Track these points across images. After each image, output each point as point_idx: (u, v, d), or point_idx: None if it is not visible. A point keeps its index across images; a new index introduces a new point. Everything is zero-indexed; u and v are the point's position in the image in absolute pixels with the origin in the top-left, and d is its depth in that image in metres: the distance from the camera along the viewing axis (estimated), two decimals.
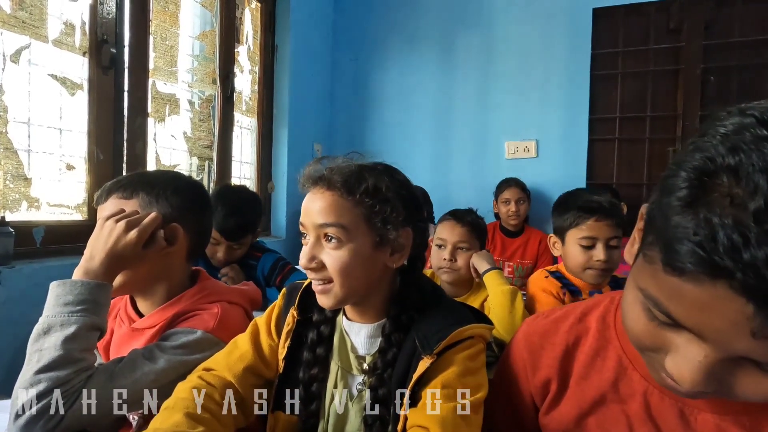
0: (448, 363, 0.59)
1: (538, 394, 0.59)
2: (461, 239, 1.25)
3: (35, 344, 0.66)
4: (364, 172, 0.62)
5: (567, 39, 2.53)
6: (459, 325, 0.61)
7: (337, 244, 0.60)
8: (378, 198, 0.61)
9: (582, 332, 0.57)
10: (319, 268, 0.61)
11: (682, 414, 0.49)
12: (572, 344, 0.57)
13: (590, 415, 0.54)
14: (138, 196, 0.78)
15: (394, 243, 0.63)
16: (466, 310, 0.67)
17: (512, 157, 2.67)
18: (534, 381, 0.59)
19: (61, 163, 1.46)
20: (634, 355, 0.51)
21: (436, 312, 0.64)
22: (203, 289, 0.83)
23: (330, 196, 0.61)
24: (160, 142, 1.81)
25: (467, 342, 0.61)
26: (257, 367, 0.69)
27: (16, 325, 1.16)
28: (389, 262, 0.64)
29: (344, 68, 2.96)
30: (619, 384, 0.53)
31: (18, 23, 1.31)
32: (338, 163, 0.64)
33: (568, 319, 0.60)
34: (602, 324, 0.56)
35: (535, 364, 0.59)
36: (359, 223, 0.61)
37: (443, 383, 0.57)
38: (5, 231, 1.22)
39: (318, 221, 0.61)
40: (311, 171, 0.64)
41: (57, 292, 0.69)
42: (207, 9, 2.04)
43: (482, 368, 0.62)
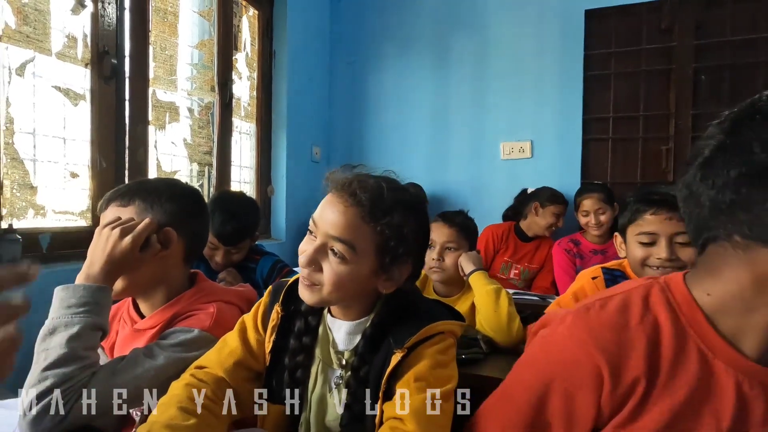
0: (419, 357, 0.63)
1: (617, 401, 0.50)
2: (449, 240, 1.30)
3: (42, 344, 0.71)
4: (394, 204, 0.61)
5: (560, 40, 2.57)
6: (429, 321, 0.65)
7: (341, 260, 0.62)
8: (397, 234, 0.62)
9: (656, 323, 0.51)
10: (315, 272, 0.64)
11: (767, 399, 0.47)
12: (654, 338, 0.51)
13: (681, 419, 0.49)
14: (134, 204, 0.82)
15: (392, 275, 0.66)
16: (440, 308, 0.72)
17: (508, 157, 2.71)
18: (617, 388, 0.50)
19: (65, 171, 1.52)
20: (715, 345, 0.49)
21: (410, 310, 0.68)
22: (200, 290, 0.88)
23: (352, 214, 0.61)
24: (161, 149, 1.87)
25: (437, 337, 0.65)
26: (246, 361, 0.73)
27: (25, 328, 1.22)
28: (381, 287, 0.67)
29: (341, 72, 3.01)
30: (705, 379, 0.49)
31: (22, 38, 1.37)
32: (372, 181, 0.63)
33: (631, 310, 0.53)
34: (672, 314, 0.51)
35: (618, 370, 0.50)
36: (369, 249, 0.62)
37: (416, 376, 0.61)
38: (13, 238, 1.27)
39: (331, 231, 0.62)
40: (340, 176, 0.65)
41: (61, 296, 0.74)
42: (205, 18, 2.09)
43: (452, 361, 0.67)
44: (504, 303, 1.17)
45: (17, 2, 1.35)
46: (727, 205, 0.46)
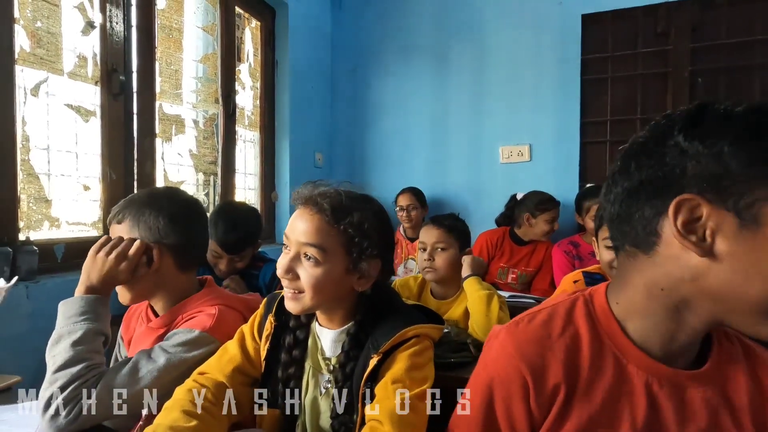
0: (395, 360, 0.68)
1: (543, 407, 0.54)
2: (437, 240, 1.36)
3: (50, 352, 0.78)
4: (353, 206, 0.70)
5: (557, 45, 2.60)
6: (404, 326, 0.70)
7: (314, 263, 0.69)
8: (359, 232, 0.69)
9: (575, 334, 0.56)
10: (294, 279, 0.70)
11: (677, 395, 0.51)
12: (572, 347, 0.55)
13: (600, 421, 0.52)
14: (126, 221, 0.89)
15: (364, 271, 0.72)
16: (417, 313, 0.77)
17: (507, 161, 2.74)
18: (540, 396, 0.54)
19: (78, 184, 1.60)
20: (626, 349, 0.53)
21: (389, 316, 0.74)
22: (206, 294, 0.94)
23: (318, 220, 0.69)
24: (168, 160, 1.94)
25: (413, 340, 0.71)
26: (245, 367, 0.79)
27: (42, 335, 1.29)
28: (356, 286, 0.73)
29: (343, 80, 3.07)
30: (620, 382, 0.52)
31: (36, 59, 1.45)
32: (331, 190, 0.72)
33: (554, 320, 0.57)
34: (590, 322, 0.56)
35: (540, 379, 0.54)
36: (337, 249, 0.69)
37: (393, 378, 0.67)
38: (30, 249, 1.35)
39: (301, 239, 0.69)
40: (304, 191, 0.72)
41: (63, 310, 0.82)
42: (209, 33, 2.16)
43: (428, 363, 0.72)
44: (495, 308, 1.21)
45: (31, 26, 1.43)
46: (617, 218, 0.53)
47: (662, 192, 0.47)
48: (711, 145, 0.45)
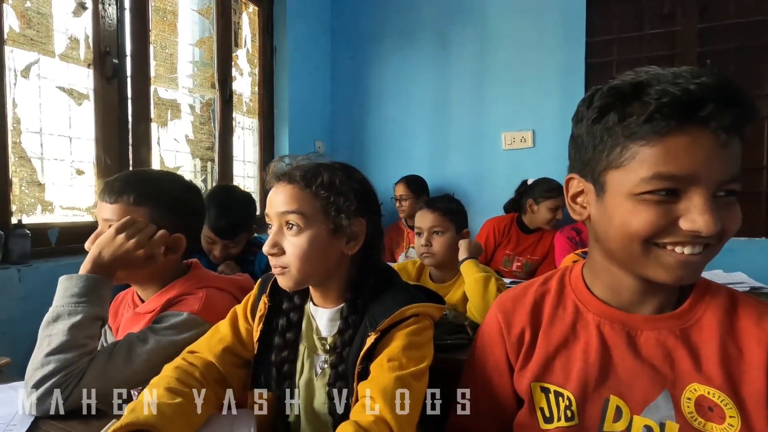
0: (392, 339, 0.66)
1: (513, 350, 0.66)
2: (433, 224, 1.33)
3: (45, 330, 0.76)
4: (320, 168, 0.70)
5: (561, 28, 2.54)
6: (403, 304, 0.68)
7: (297, 230, 0.68)
8: (333, 191, 0.68)
9: (545, 291, 0.67)
10: (280, 254, 0.69)
11: (629, 336, 0.59)
12: (539, 300, 0.67)
13: (556, 358, 0.62)
14: (148, 206, 0.86)
15: (349, 231, 0.70)
16: (416, 292, 0.74)
17: (509, 147, 2.70)
18: (510, 338, 0.66)
19: (71, 168, 1.58)
20: (587, 300, 0.63)
21: (387, 295, 0.71)
22: (193, 277, 0.93)
23: (291, 189, 0.69)
24: (164, 145, 1.92)
25: (411, 319, 0.68)
26: (235, 348, 0.77)
27: (33, 318, 1.27)
28: (345, 249, 0.71)
29: (343, 66, 3.03)
30: (577, 325, 0.62)
31: (27, 41, 1.42)
32: (299, 161, 0.72)
33: (534, 284, 0.69)
34: (560, 283, 0.67)
35: (509, 322, 0.66)
36: (317, 212, 0.68)
37: (388, 357, 0.64)
38: (22, 233, 1.34)
39: (280, 210, 0.68)
40: (275, 168, 0.73)
41: (65, 285, 0.79)
42: (204, 16, 2.13)
43: (428, 343, 0.69)
44: (492, 290, 1.18)
45: (21, 6, 1.40)
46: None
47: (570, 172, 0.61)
48: (578, 130, 0.57)
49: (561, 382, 0.60)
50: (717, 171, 0.48)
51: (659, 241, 0.51)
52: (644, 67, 0.52)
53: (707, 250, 0.52)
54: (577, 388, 0.59)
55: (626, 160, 0.51)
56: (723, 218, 0.49)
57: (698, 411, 0.54)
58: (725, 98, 0.47)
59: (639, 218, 0.51)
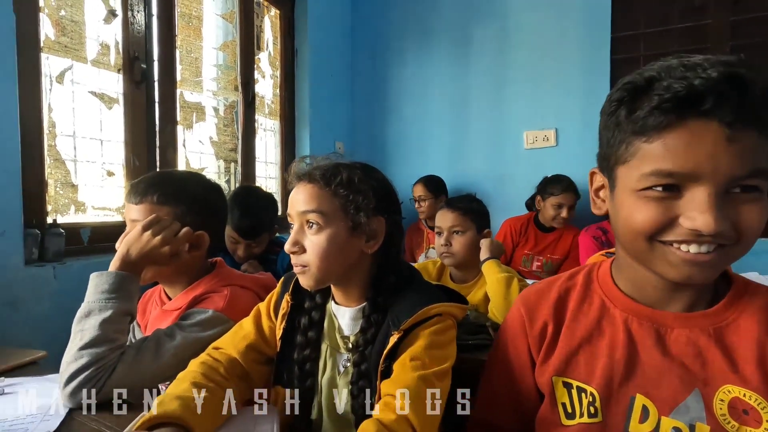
0: (415, 338, 0.66)
1: (535, 344, 0.65)
2: (453, 224, 1.32)
3: (78, 325, 0.79)
4: (339, 167, 0.71)
5: (584, 23, 2.49)
6: (426, 304, 0.68)
7: (317, 229, 0.69)
8: (351, 189, 0.69)
9: (571, 286, 0.67)
10: (300, 253, 0.70)
11: (658, 334, 0.57)
12: (563, 294, 0.66)
13: (579, 353, 0.61)
14: (171, 205, 0.89)
15: (368, 230, 0.71)
16: (438, 291, 0.74)
17: (531, 146, 2.66)
18: (532, 331, 0.65)
19: (102, 170, 1.64)
20: (614, 296, 0.62)
21: (410, 294, 0.72)
22: (218, 276, 0.95)
23: (311, 188, 0.70)
24: (189, 147, 1.97)
25: (435, 319, 0.68)
26: (259, 345, 0.79)
27: (68, 314, 1.33)
28: (365, 248, 0.72)
29: (362, 67, 3.04)
30: (602, 321, 0.61)
31: (61, 48, 1.48)
32: (319, 161, 0.73)
33: (559, 279, 0.69)
34: (587, 278, 0.66)
35: (532, 316, 0.66)
36: (336, 210, 0.69)
37: (411, 356, 0.64)
38: (57, 232, 1.39)
39: (301, 209, 0.70)
40: (296, 169, 0.74)
41: (96, 282, 0.82)
42: (227, 21, 2.17)
43: (450, 342, 0.69)
44: (515, 291, 1.17)
45: (55, 15, 1.46)
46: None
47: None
48: (600, 123, 0.57)
49: (584, 377, 0.59)
50: (724, 166, 0.46)
51: (663, 238, 0.50)
52: (665, 60, 0.50)
53: (722, 250, 0.49)
54: (602, 385, 0.58)
55: (630, 156, 0.51)
56: (738, 216, 0.47)
57: (732, 414, 0.52)
58: (730, 91, 0.45)
59: (640, 214, 0.51)
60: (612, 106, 0.53)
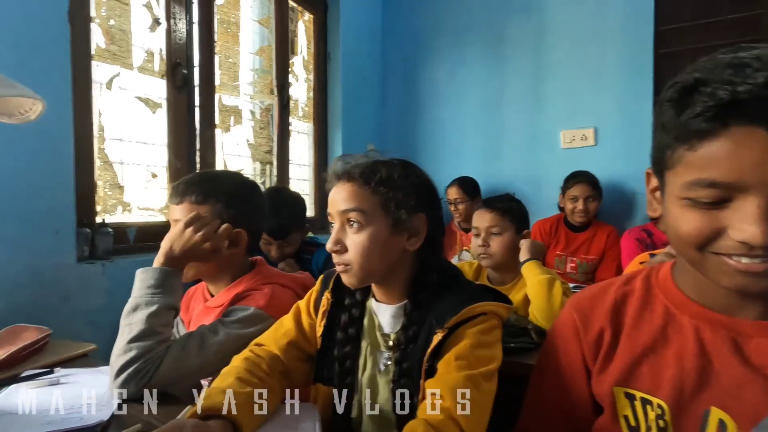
0: (460, 337, 0.65)
1: (591, 351, 0.62)
2: (491, 224, 1.29)
3: (126, 319, 0.82)
4: (378, 164, 0.71)
5: (626, 16, 2.39)
6: (471, 302, 0.66)
7: (358, 227, 0.68)
8: (391, 186, 0.69)
9: (628, 291, 0.63)
10: (342, 252, 0.70)
11: (735, 343, 0.53)
12: (620, 300, 0.62)
13: (643, 362, 0.57)
14: (209, 203, 0.92)
15: (410, 227, 0.70)
16: (481, 290, 0.72)
17: (569, 146, 2.58)
18: (587, 338, 0.62)
19: (146, 172, 1.70)
20: (680, 302, 0.58)
21: (452, 292, 0.70)
22: (258, 274, 0.97)
23: (350, 186, 0.69)
24: (227, 150, 2.02)
25: (480, 318, 0.66)
26: (299, 342, 0.79)
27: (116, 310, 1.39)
28: (407, 246, 0.71)
29: (394, 69, 3.04)
30: (668, 329, 0.57)
31: (110, 55, 1.55)
32: (357, 159, 0.73)
33: (615, 284, 0.65)
34: (646, 283, 0.62)
35: (586, 322, 0.63)
36: (376, 208, 0.69)
37: (456, 355, 0.63)
38: (106, 231, 1.46)
39: (341, 208, 0.69)
40: (334, 168, 0.73)
41: (142, 278, 0.85)
42: (264, 26, 2.23)
43: (496, 343, 0.67)
44: (557, 293, 1.13)
45: (105, 25, 1.54)
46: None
47: None
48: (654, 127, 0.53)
49: (649, 388, 0.56)
50: None
51: (713, 249, 0.48)
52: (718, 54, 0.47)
53: None
54: (671, 397, 0.54)
55: (675, 162, 0.49)
56: None
57: None
58: None
59: (686, 224, 0.48)
60: (661, 106, 0.50)
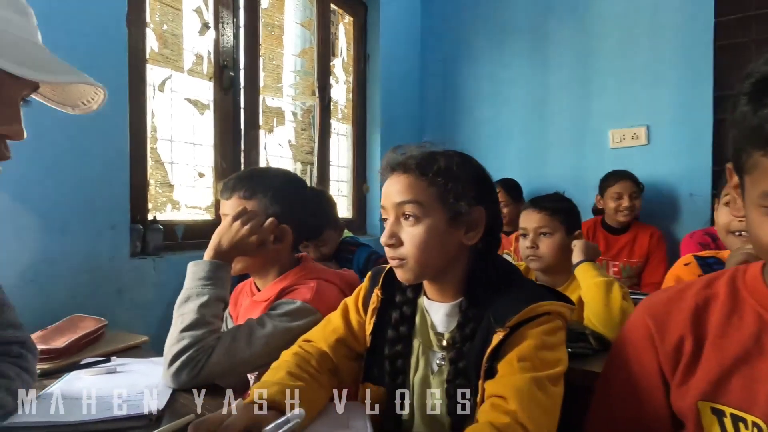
0: (523, 337, 0.61)
1: (669, 361, 0.57)
2: (540, 225, 1.23)
3: (178, 310, 0.84)
4: (435, 155, 0.68)
5: (681, 8, 2.25)
6: (533, 301, 0.62)
7: (414, 220, 0.66)
8: (449, 177, 0.66)
9: (711, 296, 0.57)
10: (397, 245, 0.67)
11: None
12: (702, 305, 0.56)
13: (733, 375, 0.52)
14: (257, 198, 0.93)
15: (468, 220, 0.67)
16: (543, 289, 0.68)
17: (618, 146, 2.45)
18: (664, 347, 0.57)
19: (194, 171, 1.76)
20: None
21: (511, 290, 0.66)
22: (304, 269, 0.97)
23: (406, 178, 0.67)
24: (270, 150, 2.06)
25: (543, 318, 0.62)
26: (348, 339, 0.77)
27: (165, 304, 1.44)
28: (464, 240, 0.67)
29: (433, 69, 3.01)
30: (763, 338, 0.52)
31: (163, 59, 1.61)
32: (412, 150, 0.70)
33: (693, 287, 0.59)
34: (732, 287, 0.56)
35: (662, 329, 0.58)
36: (433, 201, 0.66)
37: (519, 356, 0.59)
38: (157, 228, 1.51)
39: (396, 200, 0.67)
40: (389, 159, 0.71)
41: (193, 270, 0.87)
42: (306, 29, 2.26)
43: (561, 345, 0.62)
44: (616, 296, 1.06)
45: (159, 29, 1.60)
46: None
47: None
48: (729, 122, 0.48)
49: (742, 404, 0.51)
50: None
51: None
52: None
53: None
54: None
55: (751, 168, 0.45)
56: None
57: None
58: None
59: (766, 235, 0.45)
60: (738, 100, 0.45)
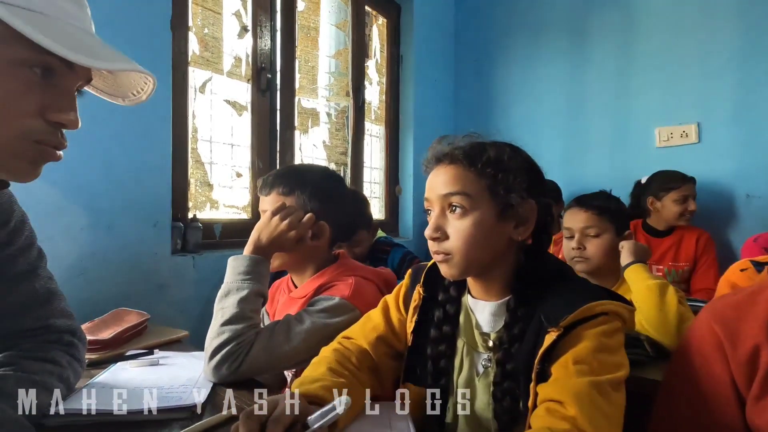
0: (578, 338, 0.56)
1: (743, 373, 0.53)
2: (587, 225, 1.17)
3: (219, 304, 0.84)
4: (484, 145, 0.65)
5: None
6: (590, 300, 0.57)
7: (461, 213, 0.63)
8: (500, 168, 0.62)
9: None
10: (443, 239, 0.64)
11: None
12: None
13: None
14: (295, 194, 0.93)
15: (518, 214, 0.63)
16: (598, 289, 0.63)
17: (665, 144, 2.32)
18: (737, 357, 0.53)
19: (232, 171, 1.79)
20: None
21: (564, 288, 0.62)
22: (342, 266, 0.97)
23: (453, 169, 0.64)
24: (305, 151, 2.08)
25: (600, 318, 0.58)
26: (388, 338, 0.75)
27: (204, 300, 1.47)
28: (514, 235, 0.64)
29: (467, 69, 2.97)
30: None
31: (204, 62, 1.66)
32: (459, 140, 0.68)
33: (763, 291, 0.55)
34: None
35: (734, 337, 0.54)
36: (482, 192, 0.62)
37: (575, 359, 0.55)
38: (197, 226, 1.54)
39: (442, 192, 0.64)
40: (435, 150, 0.68)
41: (233, 265, 0.87)
42: (341, 30, 2.27)
43: (620, 348, 0.58)
44: (672, 300, 0.98)
45: (200, 33, 1.65)
46: None
47: None
48: None
49: None
50: None
51: None
52: None
53: None
54: None
55: None
56: None
57: None
58: None
59: None
60: None
